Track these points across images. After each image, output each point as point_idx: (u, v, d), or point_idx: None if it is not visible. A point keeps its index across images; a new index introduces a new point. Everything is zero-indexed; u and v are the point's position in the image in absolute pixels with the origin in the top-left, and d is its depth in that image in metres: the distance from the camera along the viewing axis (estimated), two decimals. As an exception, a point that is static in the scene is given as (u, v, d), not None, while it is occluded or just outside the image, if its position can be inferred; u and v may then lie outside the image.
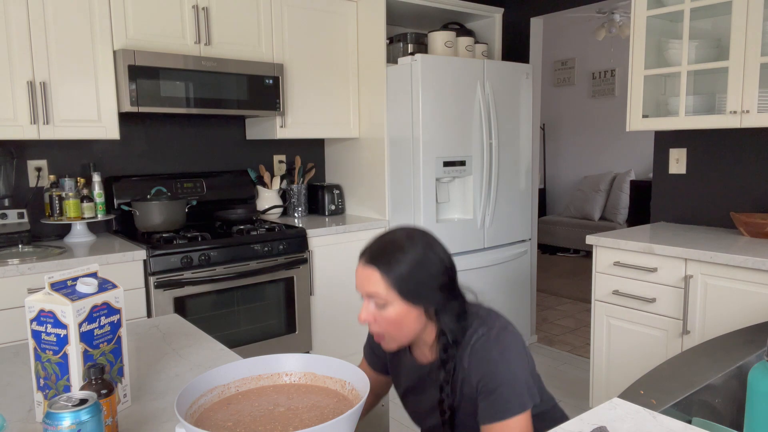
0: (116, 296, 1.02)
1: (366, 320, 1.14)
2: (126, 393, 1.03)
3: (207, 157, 3.22)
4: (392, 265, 1.10)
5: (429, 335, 1.18)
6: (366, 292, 1.13)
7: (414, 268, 1.11)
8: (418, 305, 1.12)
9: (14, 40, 2.30)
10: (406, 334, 1.14)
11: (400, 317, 1.11)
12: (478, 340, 1.13)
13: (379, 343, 1.18)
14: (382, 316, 1.12)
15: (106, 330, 0.99)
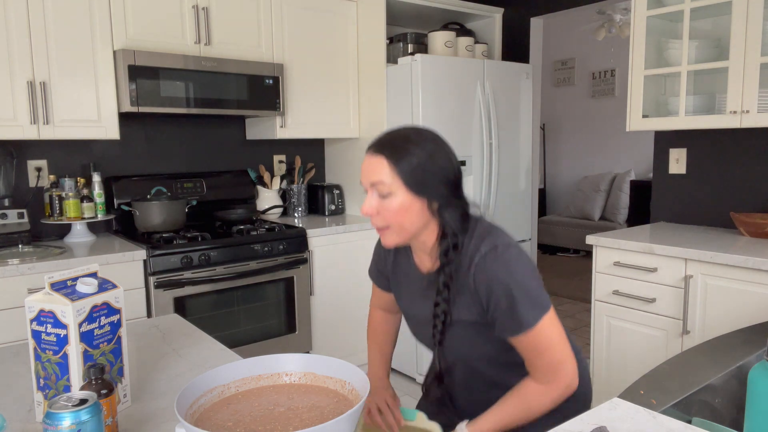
0: (116, 296, 1.02)
1: (369, 212, 1.12)
2: (126, 393, 1.03)
3: (207, 157, 3.22)
4: (400, 154, 1.09)
5: (430, 237, 1.17)
6: (371, 182, 1.12)
7: (421, 159, 1.10)
8: (422, 197, 1.11)
9: (14, 40, 2.30)
10: (408, 227, 1.12)
11: (404, 208, 1.10)
12: (482, 258, 1.11)
13: (381, 236, 1.16)
14: (385, 206, 1.11)
15: (106, 330, 0.99)
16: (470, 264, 1.13)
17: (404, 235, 1.14)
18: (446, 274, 1.14)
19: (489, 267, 1.11)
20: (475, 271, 1.12)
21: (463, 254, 1.14)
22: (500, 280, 1.10)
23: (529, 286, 1.10)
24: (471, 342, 1.18)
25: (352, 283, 3.12)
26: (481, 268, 1.11)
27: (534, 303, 1.10)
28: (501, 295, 1.10)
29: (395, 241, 1.15)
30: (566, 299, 5.02)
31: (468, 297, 1.14)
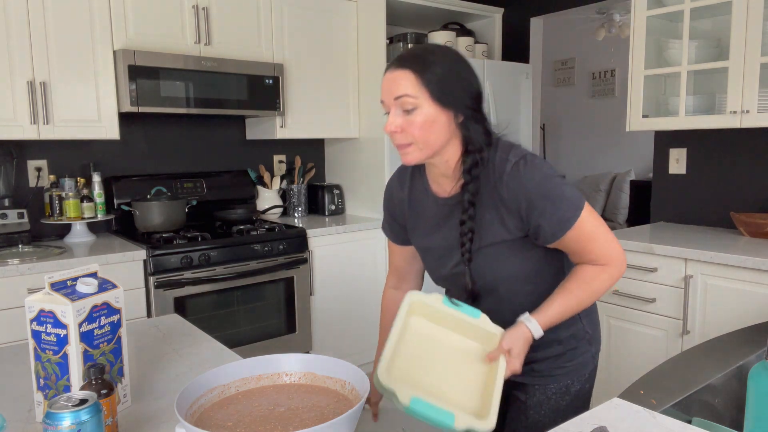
0: (116, 296, 1.01)
1: (393, 130, 1.10)
2: (126, 393, 1.03)
3: (207, 157, 3.22)
4: (426, 65, 1.08)
5: (453, 155, 1.15)
6: (395, 96, 1.09)
7: (446, 70, 1.09)
8: (448, 109, 1.09)
9: (14, 40, 2.30)
10: (433, 142, 1.10)
11: (430, 121, 1.08)
12: (514, 167, 1.11)
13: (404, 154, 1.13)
14: (410, 121, 1.09)
15: (106, 330, 0.99)
16: (501, 175, 1.12)
17: (427, 151, 1.11)
18: (471, 191, 1.13)
19: (523, 175, 1.10)
20: (507, 180, 1.11)
21: (490, 169, 1.13)
22: (538, 185, 1.10)
23: (563, 187, 1.11)
24: (500, 261, 1.16)
25: (352, 283, 3.12)
26: (515, 176, 1.11)
27: (571, 201, 1.11)
28: (541, 200, 1.09)
29: (418, 158, 1.12)
30: (566, 299, 5.01)
31: (496, 213, 1.13)
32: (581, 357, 1.25)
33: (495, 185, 1.13)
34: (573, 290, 1.14)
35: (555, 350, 1.23)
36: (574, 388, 1.25)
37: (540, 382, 1.24)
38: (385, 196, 1.36)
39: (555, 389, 1.24)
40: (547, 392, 1.24)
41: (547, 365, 1.24)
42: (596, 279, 1.14)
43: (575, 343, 1.24)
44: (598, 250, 1.13)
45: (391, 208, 1.34)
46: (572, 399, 1.25)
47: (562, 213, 1.10)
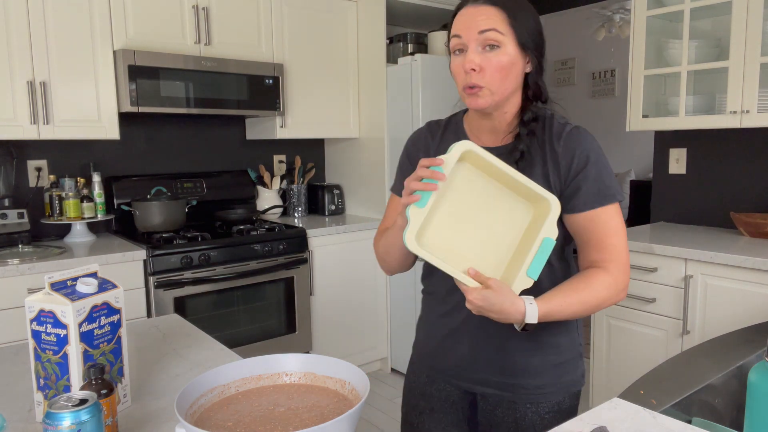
0: (116, 296, 1.01)
1: (470, 67, 1.05)
2: (126, 393, 1.03)
3: (207, 157, 3.22)
4: (517, 6, 1.06)
5: (513, 108, 1.12)
6: (481, 29, 1.04)
7: (533, 15, 1.08)
8: (526, 53, 1.07)
9: (14, 40, 2.30)
10: (506, 88, 1.07)
11: (510, 63, 1.05)
12: (575, 129, 1.11)
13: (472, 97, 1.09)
14: (490, 60, 1.05)
15: (106, 330, 0.99)
16: (560, 133, 1.10)
17: (499, 96, 1.07)
18: (526, 143, 1.10)
19: (582, 138, 1.10)
20: (566, 138, 1.09)
21: (546, 126, 1.11)
22: (595, 151, 1.09)
23: (611, 168, 1.10)
24: None
25: (352, 283, 3.12)
26: (575, 136, 1.10)
27: (615, 183, 1.09)
28: (593, 165, 1.08)
29: (488, 102, 1.08)
30: (566, 299, 5.01)
31: (542, 167, 1.10)
32: (573, 373, 1.20)
33: (548, 141, 1.10)
34: (580, 289, 1.06)
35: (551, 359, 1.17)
36: (565, 406, 1.19)
37: (533, 399, 1.17)
38: (407, 146, 1.28)
39: (548, 408, 1.18)
40: (540, 411, 1.17)
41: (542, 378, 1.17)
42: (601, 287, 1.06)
43: (569, 354, 1.19)
44: (616, 249, 1.08)
45: (414, 155, 1.24)
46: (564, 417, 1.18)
47: (605, 187, 1.07)
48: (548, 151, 1.10)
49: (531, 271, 1.03)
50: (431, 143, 1.24)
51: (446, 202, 1.05)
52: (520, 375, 1.16)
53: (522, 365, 1.16)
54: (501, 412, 1.19)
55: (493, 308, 0.99)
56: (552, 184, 1.10)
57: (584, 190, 1.08)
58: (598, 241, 1.08)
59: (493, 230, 1.07)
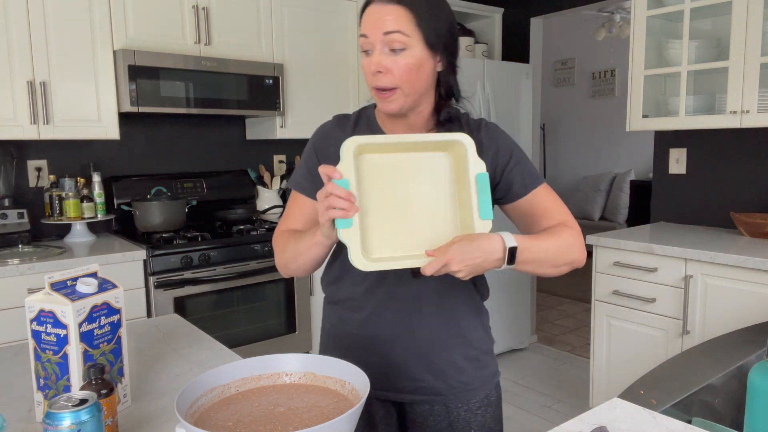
0: (116, 296, 1.01)
1: (379, 69, 1.02)
2: (126, 393, 1.03)
3: (207, 157, 3.22)
4: (421, 4, 1.02)
5: (427, 107, 1.10)
6: (385, 30, 1.00)
7: (442, 12, 1.05)
8: (435, 53, 1.05)
9: (14, 40, 2.30)
10: (417, 88, 1.04)
11: (419, 64, 1.02)
12: (489, 123, 1.14)
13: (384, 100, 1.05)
14: (397, 63, 1.01)
15: (106, 330, 0.99)
16: (479, 125, 1.13)
17: (412, 98, 1.05)
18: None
19: (501, 132, 1.14)
20: (485, 130, 1.12)
21: (464, 123, 1.12)
22: (512, 142, 1.13)
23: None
24: None
25: (352, 283, 3.12)
26: (493, 130, 1.13)
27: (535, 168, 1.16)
28: (516, 153, 1.12)
29: (402, 105, 1.05)
30: (566, 299, 5.02)
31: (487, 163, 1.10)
32: (492, 365, 1.21)
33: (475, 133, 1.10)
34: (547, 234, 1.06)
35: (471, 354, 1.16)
36: (493, 398, 1.19)
37: (463, 397, 1.15)
38: (314, 140, 1.18)
39: (478, 403, 1.17)
40: (471, 408, 1.16)
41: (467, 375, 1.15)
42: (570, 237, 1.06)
43: (485, 347, 1.19)
44: (566, 213, 1.11)
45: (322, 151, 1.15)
46: (494, 409, 1.19)
47: (534, 171, 1.14)
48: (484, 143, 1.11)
49: (482, 213, 1.01)
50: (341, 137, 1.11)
51: (369, 200, 1.01)
52: (448, 375, 1.14)
53: (448, 364, 1.14)
54: (434, 420, 1.16)
55: (474, 252, 0.95)
56: None
57: (519, 177, 1.11)
58: (545, 211, 1.11)
59: (427, 198, 1.04)
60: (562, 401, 3.03)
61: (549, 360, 3.61)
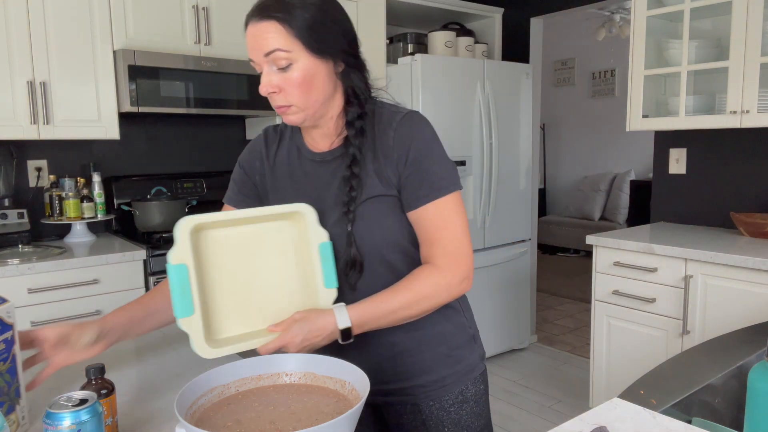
0: (8, 311, 0.89)
1: (268, 90, 0.99)
2: (24, 415, 0.93)
3: (207, 157, 3.22)
4: (291, 12, 0.95)
5: (336, 110, 1.06)
6: (265, 53, 0.96)
7: (315, 13, 0.97)
8: (326, 58, 0.99)
9: (14, 40, 2.30)
10: (315, 99, 1.01)
11: (310, 74, 0.98)
12: (406, 117, 1.04)
13: (284, 116, 1.03)
14: (287, 79, 0.98)
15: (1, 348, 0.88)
16: (390, 123, 1.04)
17: (311, 110, 1.02)
18: (356, 145, 1.04)
19: (413, 125, 1.04)
20: (397, 127, 1.03)
21: (378, 120, 1.05)
22: (424, 138, 1.03)
23: (446, 156, 1.05)
24: (378, 220, 1.05)
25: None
26: (406, 125, 1.03)
27: (449, 172, 1.04)
28: (421, 153, 1.02)
29: (302, 118, 1.03)
30: (566, 299, 5.02)
31: (375, 163, 1.04)
32: (469, 358, 1.16)
33: (380, 134, 1.04)
34: (400, 289, 1.00)
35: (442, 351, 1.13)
36: (470, 393, 1.16)
37: (434, 395, 1.13)
38: (240, 157, 1.20)
39: (451, 400, 1.14)
40: (444, 405, 1.13)
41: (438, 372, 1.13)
42: (429, 280, 1.01)
43: (459, 341, 1.15)
44: (448, 242, 1.02)
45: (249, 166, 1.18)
46: (471, 405, 1.16)
47: (438, 179, 1.02)
48: (379, 146, 1.04)
49: (327, 282, 1.02)
50: (266, 152, 1.17)
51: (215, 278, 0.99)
52: (416, 375, 1.13)
53: (415, 365, 1.12)
54: (407, 419, 1.16)
55: (311, 333, 0.96)
56: (386, 178, 1.04)
57: (415, 186, 1.03)
58: (427, 236, 1.04)
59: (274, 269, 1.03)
60: (562, 401, 3.03)
61: (549, 360, 3.61)
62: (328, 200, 1.08)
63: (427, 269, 1.03)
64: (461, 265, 1.02)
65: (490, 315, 3.46)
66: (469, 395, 1.15)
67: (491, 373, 3.37)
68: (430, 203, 1.02)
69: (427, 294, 1.01)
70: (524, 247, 3.65)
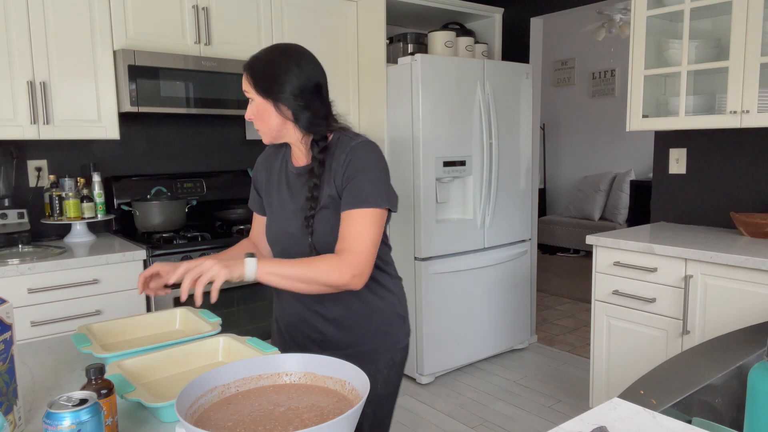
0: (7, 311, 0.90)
1: (248, 117, 1.37)
2: (21, 416, 0.94)
3: (207, 157, 3.22)
4: (253, 66, 1.33)
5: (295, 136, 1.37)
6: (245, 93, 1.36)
7: (269, 68, 1.32)
8: (270, 99, 1.32)
9: (14, 40, 2.30)
10: (269, 127, 1.35)
11: (261, 109, 1.33)
12: (359, 144, 1.32)
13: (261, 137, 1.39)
14: (252, 111, 1.35)
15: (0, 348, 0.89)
16: (345, 149, 1.32)
17: (269, 134, 1.36)
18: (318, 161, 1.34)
19: (361, 153, 1.31)
20: (349, 151, 1.31)
21: (336, 144, 1.34)
22: (366, 161, 1.30)
23: (381, 179, 1.31)
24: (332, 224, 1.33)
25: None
26: (357, 149, 1.31)
27: (378, 192, 1.29)
28: (359, 171, 1.29)
29: (267, 139, 1.38)
30: (566, 299, 5.02)
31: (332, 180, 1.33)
32: (398, 333, 1.45)
33: (337, 157, 1.33)
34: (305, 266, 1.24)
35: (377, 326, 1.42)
36: (397, 359, 1.46)
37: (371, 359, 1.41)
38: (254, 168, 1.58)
39: (384, 363, 1.43)
40: (378, 367, 1.42)
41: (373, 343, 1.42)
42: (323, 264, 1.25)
43: (391, 318, 1.44)
44: (348, 245, 1.27)
45: (256, 180, 1.55)
46: (398, 369, 1.46)
47: (365, 194, 1.28)
48: (335, 166, 1.33)
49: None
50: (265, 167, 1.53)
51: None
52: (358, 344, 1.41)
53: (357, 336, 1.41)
54: None
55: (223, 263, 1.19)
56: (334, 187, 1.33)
57: (346, 195, 1.30)
58: (343, 235, 1.28)
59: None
60: (562, 401, 3.03)
61: (549, 360, 3.61)
62: (299, 204, 1.38)
63: (330, 256, 1.28)
64: (358, 263, 1.26)
65: (490, 315, 3.46)
66: (397, 361, 1.46)
67: (491, 373, 3.37)
68: (353, 210, 1.28)
69: (322, 270, 1.24)
70: (524, 247, 3.65)
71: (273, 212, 1.46)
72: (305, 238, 1.35)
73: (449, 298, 3.25)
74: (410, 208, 3.16)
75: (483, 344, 3.45)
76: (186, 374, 1.15)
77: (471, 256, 3.33)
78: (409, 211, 3.17)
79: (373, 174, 1.30)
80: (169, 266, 1.31)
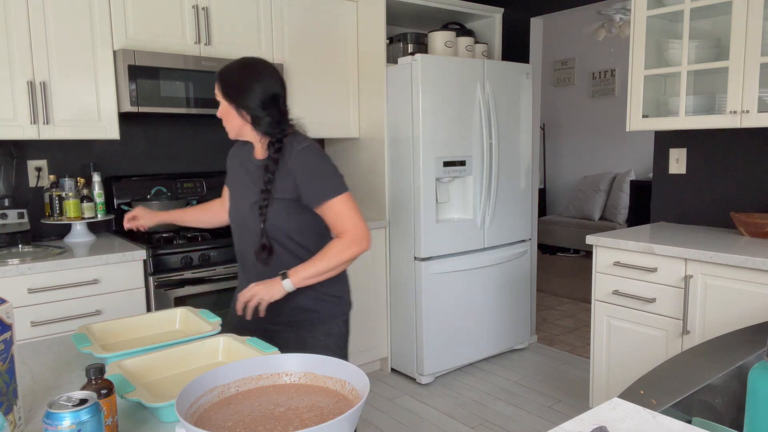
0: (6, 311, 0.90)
1: (218, 116, 1.61)
2: (21, 416, 0.95)
3: (207, 157, 3.22)
4: (224, 75, 1.58)
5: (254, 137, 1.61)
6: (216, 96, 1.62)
7: (233, 76, 1.57)
8: (232, 104, 1.57)
9: (14, 40, 2.30)
10: (231, 126, 1.60)
11: (225, 111, 1.59)
12: (303, 148, 1.55)
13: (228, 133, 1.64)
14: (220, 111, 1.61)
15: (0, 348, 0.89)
16: (293, 150, 1.55)
17: (233, 132, 1.61)
18: (272, 159, 1.56)
19: (305, 154, 1.55)
20: (296, 155, 1.54)
21: (288, 146, 1.56)
22: (312, 162, 1.55)
23: (329, 173, 1.57)
24: (288, 215, 1.56)
25: (351, 283, 3.12)
26: (300, 154, 1.54)
27: (332, 183, 1.56)
28: (309, 173, 1.54)
29: (231, 136, 1.63)
30: (566, 299, 5.02)
31: (289, 179, 1.54)
32: (335, 309, 1.69)
33: (287, 156, 1.55)
34: (324, 258, 1.55)
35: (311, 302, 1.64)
36: (334, 330, 1.69)
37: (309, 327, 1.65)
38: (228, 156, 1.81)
39: (322, 331, 1.66)
40: (316, 334, 1.66)
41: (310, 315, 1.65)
42: (337, 249, 1.55)
43: (328, 298, 1.67)
44: (344, 225, 1.55)
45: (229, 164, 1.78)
46: (335, 338, 1.69)
47: (325, 187, 1.55)
48: (287, 165, 1.55)
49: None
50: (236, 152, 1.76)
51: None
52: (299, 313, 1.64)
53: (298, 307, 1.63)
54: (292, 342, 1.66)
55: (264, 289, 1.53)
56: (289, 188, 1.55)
57: (311, 192, 1.54)
58: (332, 223, 1.58)
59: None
60: (562, 401, 3.03)
61: (549, 360, 3.61)
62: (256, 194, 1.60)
63: (334, 241, 1.58)
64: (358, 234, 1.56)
65: (490, 315, 3.46)
66: (334, 332, 1.69)
67: (491, 373, 3.37)
68: (324, 203, 1.55)
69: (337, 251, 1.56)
70: (524, 247, 3.65)
71: (235, 195, 1.69)
72: (258, 224, 1.58)
73: (449, 298, 3.25)
74: (410, 208, 3.16)
75: (483, 344, 3.45)
76: (186, 374, 1.15)
77: (471, 256, 3.33)
78: (409, 211, 3.17)
79: (324, 169, 1.56)
80: (148, 213, 1.86)
